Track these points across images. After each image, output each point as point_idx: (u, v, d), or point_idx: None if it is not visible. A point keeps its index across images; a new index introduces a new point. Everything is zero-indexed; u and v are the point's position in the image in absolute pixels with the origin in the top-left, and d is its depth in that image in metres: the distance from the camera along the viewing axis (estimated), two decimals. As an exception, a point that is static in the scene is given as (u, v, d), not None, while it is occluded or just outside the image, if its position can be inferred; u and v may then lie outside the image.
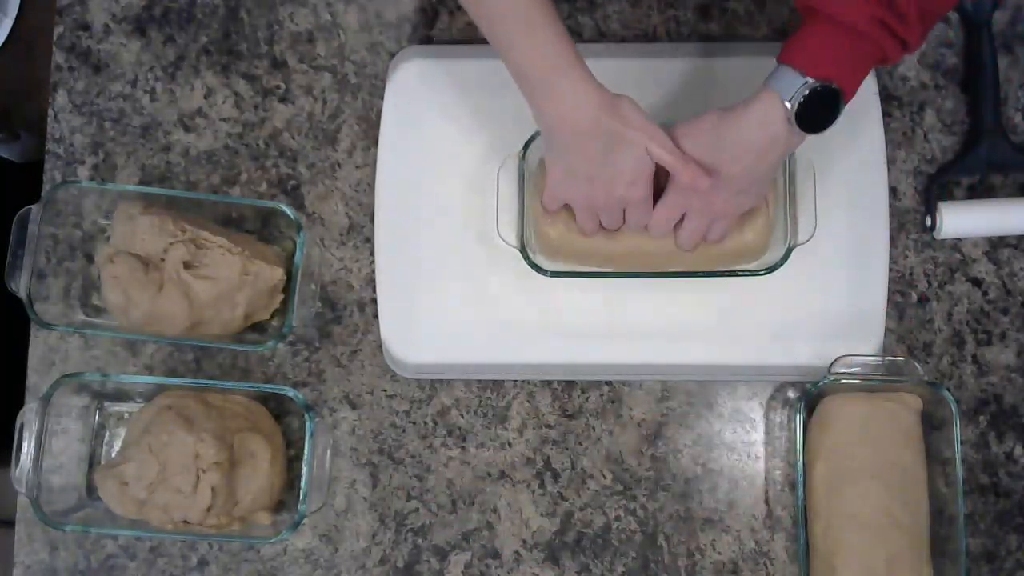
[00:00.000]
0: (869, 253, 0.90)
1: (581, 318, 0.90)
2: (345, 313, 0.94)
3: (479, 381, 0.93)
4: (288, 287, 0.90)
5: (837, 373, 0.86)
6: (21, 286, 0.87)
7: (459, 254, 0.91)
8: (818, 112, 0.72)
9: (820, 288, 0.89)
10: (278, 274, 0.89)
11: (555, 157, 0.79)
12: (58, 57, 0.99)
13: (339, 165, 0.96)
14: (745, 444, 0.91)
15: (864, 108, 0.90)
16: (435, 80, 0.93)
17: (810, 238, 0.83)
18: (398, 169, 0.92)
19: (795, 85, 0.71)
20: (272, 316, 0.92)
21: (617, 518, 0.91)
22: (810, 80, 0.70)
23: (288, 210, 0.88)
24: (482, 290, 0.91)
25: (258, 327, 0.93)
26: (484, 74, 0.92)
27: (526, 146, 0.85)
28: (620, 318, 0.90)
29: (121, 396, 0.93)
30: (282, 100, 0.98)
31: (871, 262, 0.89)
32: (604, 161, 0.77)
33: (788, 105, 0.71)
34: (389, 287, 0.91)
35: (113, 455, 0.91)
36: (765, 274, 0.85)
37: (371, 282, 0.94)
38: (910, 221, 0.94)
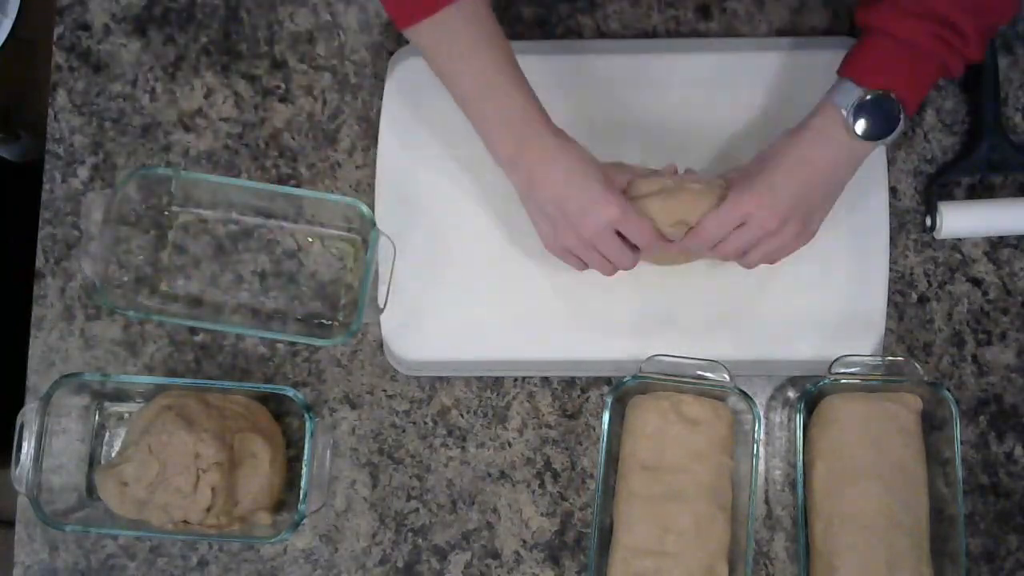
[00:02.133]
0: (869, 253, 0.90)
1: (581, 315, 0.90)
2: (345, 313, 0.94)
3: (479, 381, 0.93)
4: (350, 280, 0.91)
5: (837, 373, 0.86)
6: (91, 271, 0.87)
7: (459, 252, 0.91)
8: (878, 120, 0.76)
9: (820, 288, 0.89)
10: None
11: (528, 205, 0.82)
12: (58, 57, 0.99)
13: (339, 165, 0.96)
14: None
15: (864, 108, 0.91)
16: (434, 78, 0.93)
17: None
18: (398, 167, 0.92)
19: (853, 95, 0.75)
20: (340, 312, 0.94)
21: (617, 518, 0.91)
22: (868, 90, 0.75)
23: (363, 207, 0.88)
24: (482, 287, 0.91)
25: (325, 328, 0.94)
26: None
27: None
28: (621, 315, 0.90)
29: (121, 396, 0.93)
30: (282, 100, 0.98)
31: (871, 262, 0.89)
32: (568, 186, 0.78)
33: (844, 113, 0.76)
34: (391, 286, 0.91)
35: (113, 455, 0.91)
36: None
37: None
38: (910, 221, 0.94)
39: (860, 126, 0.75)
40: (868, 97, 0.75)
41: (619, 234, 0.79)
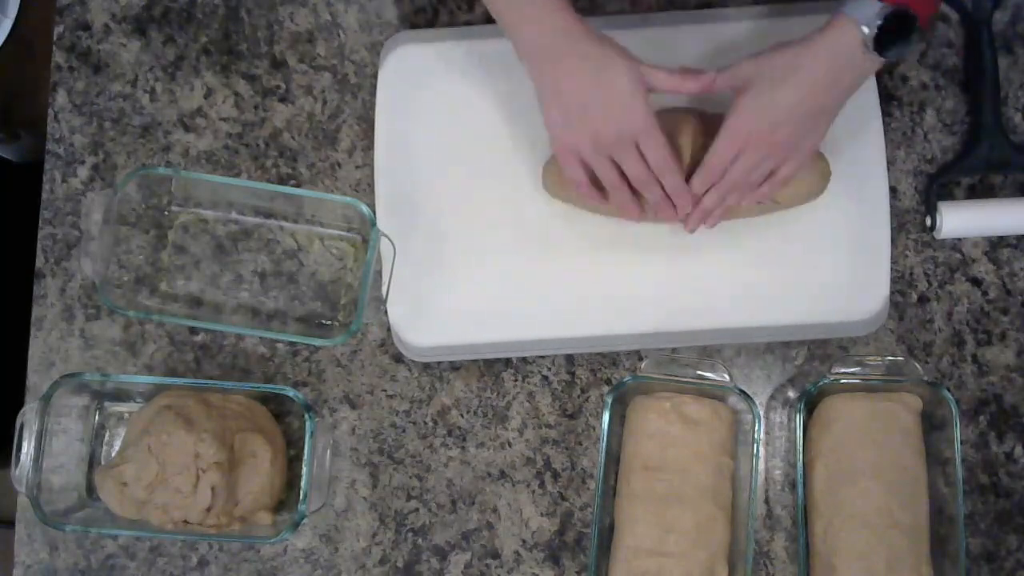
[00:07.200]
0: (869, 253, 0.89)
1: (582, 299, 0.89)
2: (345, 312, 0.94)
3: (479, 381, 0.93)
4: (346, 282, 0.91)
5: (837, 373, 0.86)
6: (91, 271, 0.86)
7: (461, 235, 0.91)
8: (894, 36, 0.75)
9: (821, 288, 0.89)
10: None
11: (546, 95, 0.79)
12: (58, 57, 0.99)
13: (339, 165, 0.96)
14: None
15: (864, 108, 0.90)
16: (428, 64, 0.93)
17: None
18: (396, 164, 0.92)
19: (872, 10, 0.74)
20: (340, 312, 0.94)
21: (617, 518, 0.91)
22: (886, 4, 0.74)
23: (363, 207, 0.88)
24: (482, 283, 0.90)
25: (325, 328, 0.94)
26: (478, 56, 0.92)
27: None
28: (627, 291, 0.89)
29: (121, 396, 0.93)
30: (282, 100, 0.98)
31: (872, 262, 0.89)
32: (596, 83, 0.76)
33: (866, 30, 0.74)
34: (395, 273, 0.90)
35: (113, 455, 0.91)
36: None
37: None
38: (910, 221, 0.94)
39: (876, 40, 0.75)
40: (886, 11, 0.74)
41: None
